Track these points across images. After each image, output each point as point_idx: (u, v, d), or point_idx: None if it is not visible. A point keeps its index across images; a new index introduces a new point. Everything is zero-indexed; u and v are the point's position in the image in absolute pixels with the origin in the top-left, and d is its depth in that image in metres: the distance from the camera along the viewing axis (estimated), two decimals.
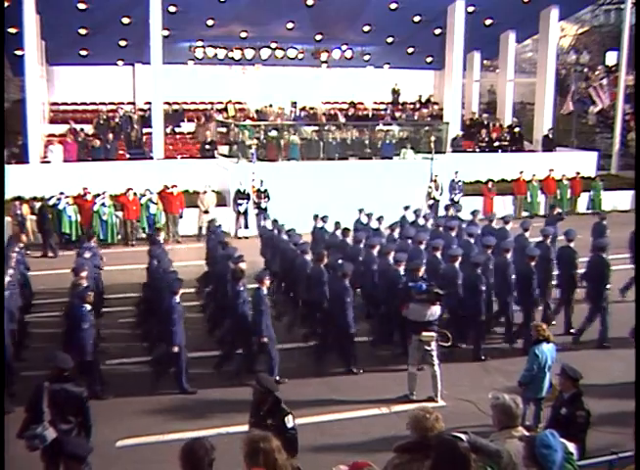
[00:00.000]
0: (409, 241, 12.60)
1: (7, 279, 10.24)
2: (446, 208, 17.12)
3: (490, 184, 21.25)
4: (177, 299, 9.45)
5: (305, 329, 11.33)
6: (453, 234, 13.17)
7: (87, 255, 12.25)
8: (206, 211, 18.87)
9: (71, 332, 8.98)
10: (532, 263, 10.87)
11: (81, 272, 10.19)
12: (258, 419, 6.00)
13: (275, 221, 14.41)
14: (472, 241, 12.68)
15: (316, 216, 14.53)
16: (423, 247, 12.17)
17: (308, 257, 11.64)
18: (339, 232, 13.70)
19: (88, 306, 9.06)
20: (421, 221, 14.91)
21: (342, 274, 10.13)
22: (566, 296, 11.67)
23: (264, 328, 9.59)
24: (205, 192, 19.12)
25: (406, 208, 15.37)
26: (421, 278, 9.67)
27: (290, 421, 5.92)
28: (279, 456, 4.24)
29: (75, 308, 9.11)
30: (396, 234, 13.52)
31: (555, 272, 11.96)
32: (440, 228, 13.85)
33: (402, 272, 10.65)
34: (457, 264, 10.85)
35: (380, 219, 14.41)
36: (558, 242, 13.20)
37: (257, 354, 9.84)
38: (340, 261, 11.24)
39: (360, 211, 15.07)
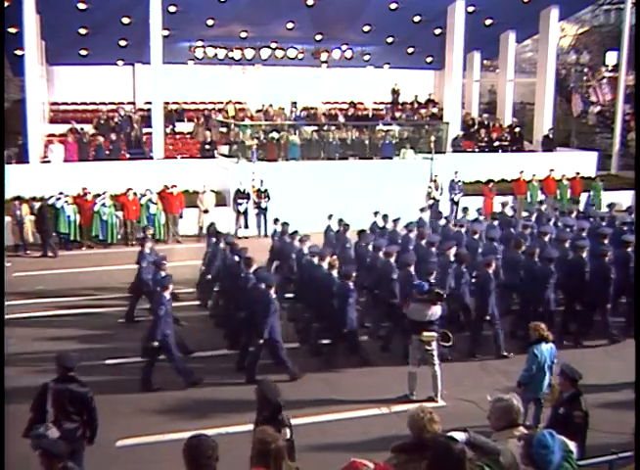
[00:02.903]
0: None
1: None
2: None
3: (491, 185, 21.24)
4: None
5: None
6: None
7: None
8: (206, 211, 18.89)
9: (340, 307, 10.16)
10: None
11: (327, 257, 11.13)
12: (257, 423, 5.94)
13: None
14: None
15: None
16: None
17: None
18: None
19: (351, 284, 10.17)
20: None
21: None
22: None
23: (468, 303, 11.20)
24: (204, 192, 19.11)
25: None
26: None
27: (287, 434, 5.81)
28: (286, 458, 4.24)
29: (343, 286, 10.24)
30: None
31: None
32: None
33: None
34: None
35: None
36: None
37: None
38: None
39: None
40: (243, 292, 10.64)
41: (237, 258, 11.64)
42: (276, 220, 14.78)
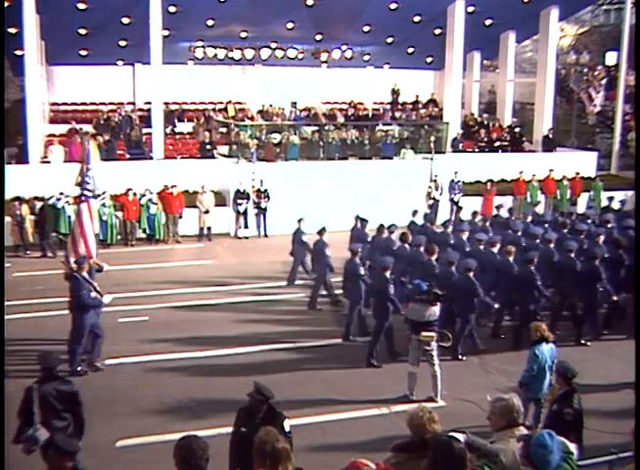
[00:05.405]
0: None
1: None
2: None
3: (489, 184, 21.20)
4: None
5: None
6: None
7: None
8: (207, 211, 18.88)
9: (528, 289, 10.89)
10: None
11: (497, 244, 12.05)
12: (252, 428, 5.67)
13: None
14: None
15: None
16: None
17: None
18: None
19: (533, 268, 10.95)
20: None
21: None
22: None
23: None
24: (203, 193, 19.04)
25: (414, 212, 15.35)
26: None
27: (287, 425, 5.84)
28: (290, 460, 4.20)
29: (526, 270, 11.00)
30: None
31: None
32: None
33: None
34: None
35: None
36: None
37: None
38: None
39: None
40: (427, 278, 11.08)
41: (408, 247, 12.42)
42: (415, 212, 15.03)
